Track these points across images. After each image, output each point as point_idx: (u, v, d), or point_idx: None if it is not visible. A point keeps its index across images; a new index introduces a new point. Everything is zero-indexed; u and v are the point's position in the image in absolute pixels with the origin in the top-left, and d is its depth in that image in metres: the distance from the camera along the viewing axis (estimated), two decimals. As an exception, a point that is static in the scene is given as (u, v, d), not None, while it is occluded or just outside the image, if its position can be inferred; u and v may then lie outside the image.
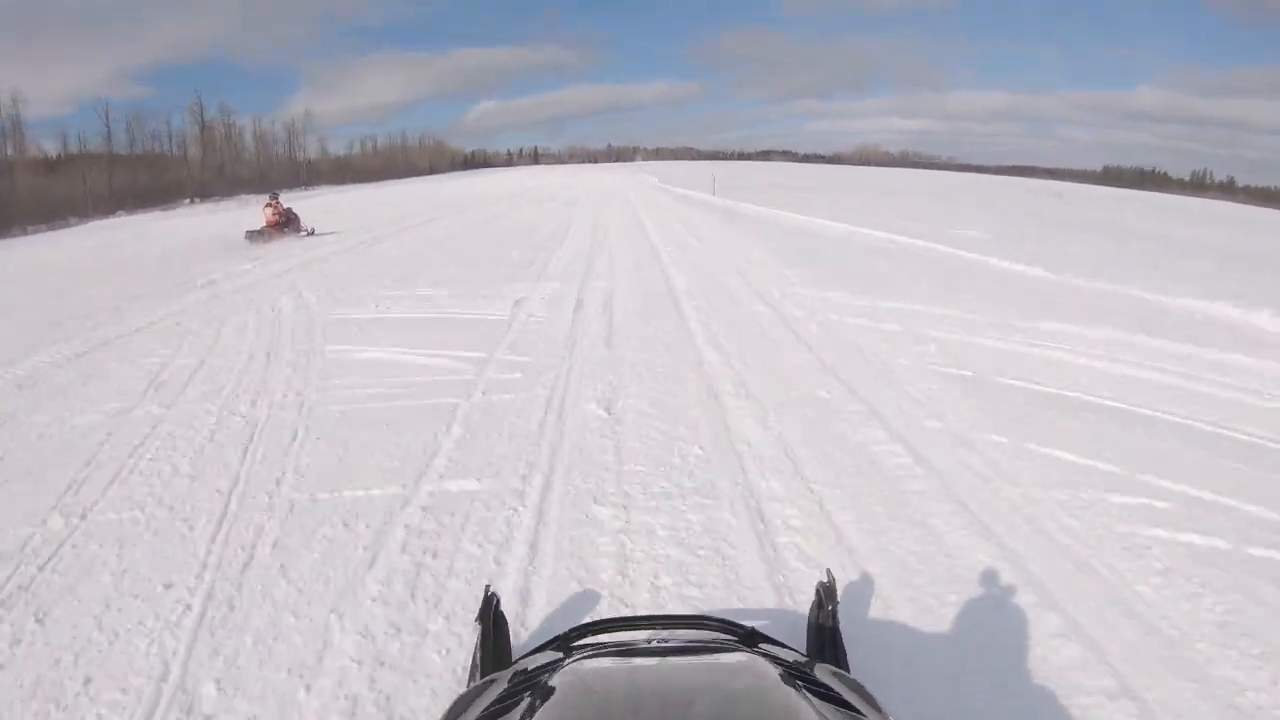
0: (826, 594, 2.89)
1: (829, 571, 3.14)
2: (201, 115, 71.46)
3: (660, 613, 3.48)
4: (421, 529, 4.69)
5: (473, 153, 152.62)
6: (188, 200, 59.88)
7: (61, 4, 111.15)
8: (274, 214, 19.47)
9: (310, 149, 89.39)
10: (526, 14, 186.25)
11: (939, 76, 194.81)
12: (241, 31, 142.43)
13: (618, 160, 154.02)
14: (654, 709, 1.47)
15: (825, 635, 2.82)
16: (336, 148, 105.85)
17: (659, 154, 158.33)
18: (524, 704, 1.48)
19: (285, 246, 18.85)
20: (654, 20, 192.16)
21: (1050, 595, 3.96)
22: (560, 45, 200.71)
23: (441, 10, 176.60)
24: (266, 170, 72.22)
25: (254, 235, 18.75)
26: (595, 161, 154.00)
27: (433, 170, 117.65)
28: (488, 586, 2.97)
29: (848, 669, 2.49)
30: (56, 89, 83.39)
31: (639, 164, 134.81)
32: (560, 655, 1.88)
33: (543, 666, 1.75)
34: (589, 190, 44.33)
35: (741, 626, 2.10)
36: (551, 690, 1.52)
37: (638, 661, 1.72)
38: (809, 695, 1.48)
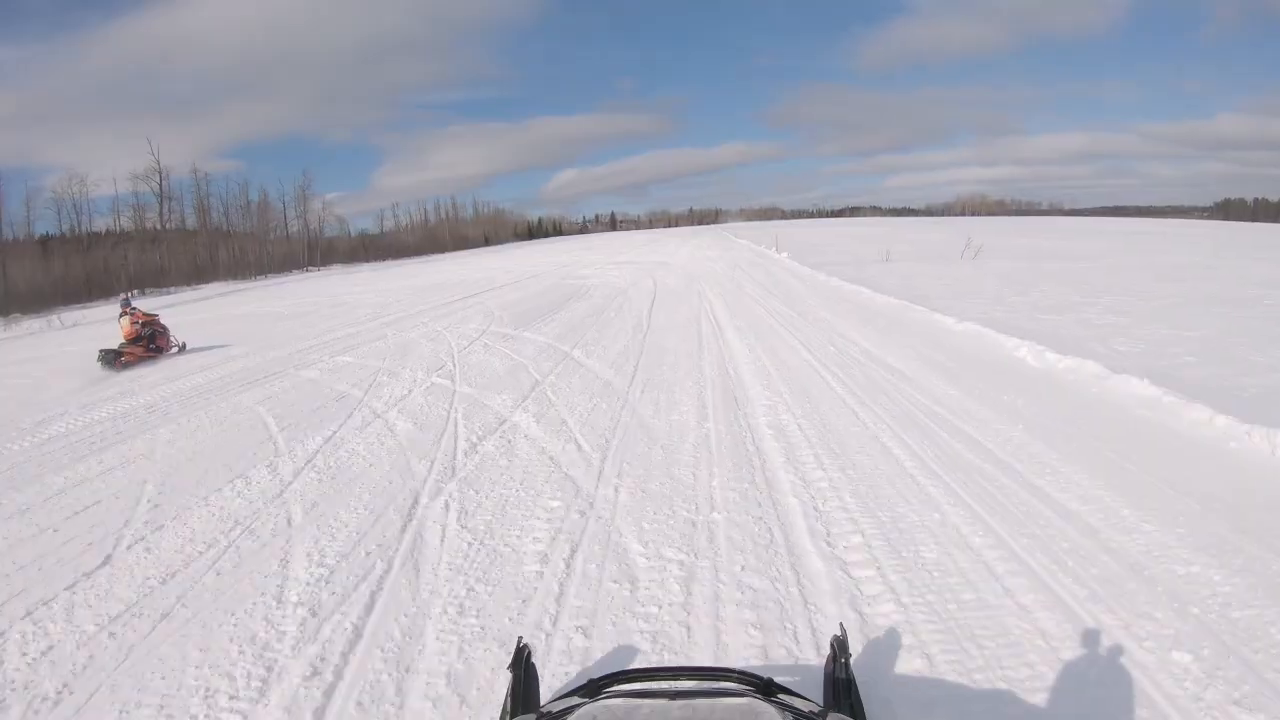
0: (840, 647, 2.71)
1: (841, 625, 2.91)
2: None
3: (686, 664, 3.39)
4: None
5: (539, 220, 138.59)
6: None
7: (160, 85, 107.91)
8: (131, 325, 13.63)
9: (325, 224, 73.74)
10: (602, 83, 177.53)
11: (1016, 121, 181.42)
12: (322, 108, 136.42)
13: (699, 223, 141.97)
14: None
15: (840, 686, 2.69)
16: (383, 223, 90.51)
17: (742, 215, 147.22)
18: None
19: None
20: (729, 83, 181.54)
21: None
22: (637, 112, 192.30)
23: (519, 81, 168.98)
24: (241, 254, 56.03)
25: (109, 357, 12.81)
26: (675, 225, 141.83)
27: (489, 241, 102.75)
28: (520, 638, 2.73)
29: (864, 719, 2.55)
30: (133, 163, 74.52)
31: (724, 226, 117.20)
32: (586, 701, 1.90)
33: (565, 710, 1.80)
34: (650, 271, 26.07)
35: (759, 678, 2.11)
36: None
37: (648, 703, 1.75)
38: None
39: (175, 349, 14.03)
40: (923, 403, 7.15)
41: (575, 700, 1.90)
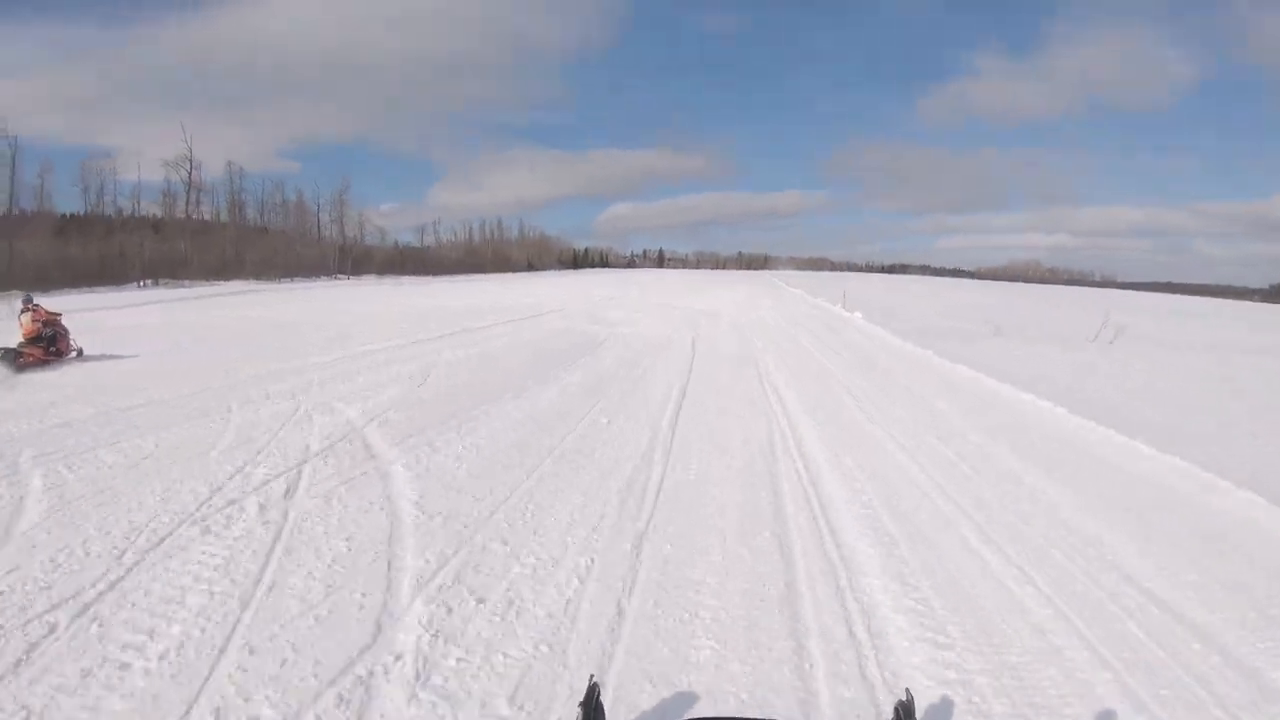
0: (905, 713, 2.22)
1: (908, 690, 2.36)
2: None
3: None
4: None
5: (586, 250, 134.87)
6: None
7: (228, 81, 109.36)
8: (33, 323, 12.62)
9: (366, 233, 70.73)
10: (661, 119, 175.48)
11: (1073, 190, 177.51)
12: (384, 118, 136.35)
13: (748, 268, 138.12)
14: None
15: None
16: (423, 237, 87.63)
17: (791, 263, 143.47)
18: None
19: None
20: (787, 130, 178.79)
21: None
22: (693, 151, 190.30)
23: (581, 111, 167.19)
24: (271, 254, 52.72)
25: (9, 356, 11.79)
26: (724, 267, 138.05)
27: (531, 266, 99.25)
28: (591, 676, 2.47)
29: None
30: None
31: (774, 274, 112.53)
32: None
33: None
34: (685, 330, 21.56)
35: None
36: None
37: None
38: None
39: (74, 353, 12.80)
40: None
41: None
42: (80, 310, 24.82)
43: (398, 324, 18.00)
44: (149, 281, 43.09)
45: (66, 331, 12.90)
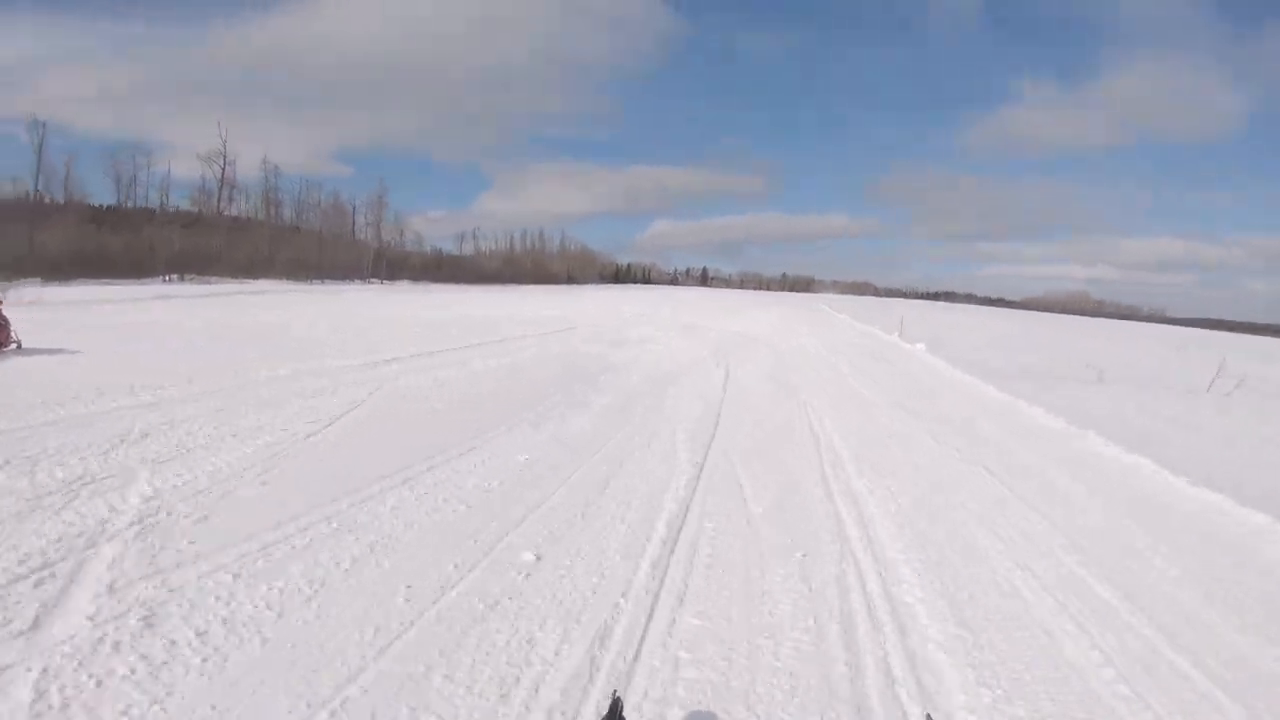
0: None
1: (929, 716, 2.71)
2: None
3: None
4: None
5: (628, 265, 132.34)
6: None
7: (283, 83, 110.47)
8: None
9: (405, 238, 69.05)
10: (707, 139, 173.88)
11: (1114, 221, 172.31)
12: (431, 126, 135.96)
13: (790, 290, 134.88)
14: None
15: None
16: (462, 245, 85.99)
17: (835, 287, 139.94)
18: None
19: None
20: (834, 153, 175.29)
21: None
22: (740, 171, 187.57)
23: (628, 128, 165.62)
24: (304, 254, 51.01)
25: None
26: (767, 288, 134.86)
27: (572, 279, 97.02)
28: (615, 692, 2.72)
29: None
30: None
31: (817, 297, 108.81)
32: None
33: None
34: (726, 348, 19.59)
35: None
36: None
37: None
38: None
39: (14, 346, 12.08)
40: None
41: None
42: (71, 302, 23.06)
43: (420, 338, 15.54)
44: (174, 277, 41.70)
45: (7, 321, 11.92)
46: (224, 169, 51.13)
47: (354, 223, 61.01)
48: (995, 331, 35.06)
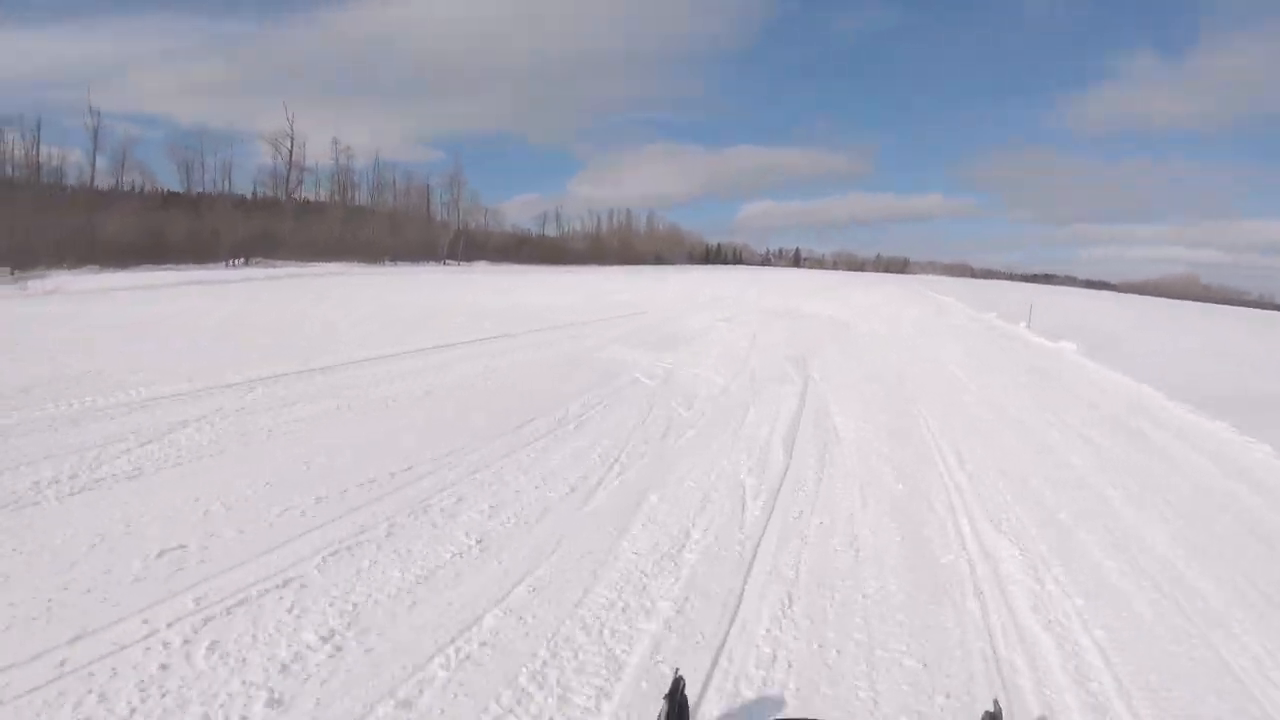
0: None
1: (996, 702, 2.24)
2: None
3: None
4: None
5: (718, 246, 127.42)
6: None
7: (373, 70, 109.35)
8: None
9: (486, 219, 67.14)
10: (802, 118, 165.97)
11: (1224, 203, 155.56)
12: (528, 112, 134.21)
13: (886, 270, 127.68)
14: None
15: None
16: (545, 225, 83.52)
17: (932, 268, 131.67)
18: None
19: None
20: (930, 132, 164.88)
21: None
22: (835, 151, 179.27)
23: (722, 108, 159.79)
24: (379, 237, 49.32)
25: None
26: (862, 269, 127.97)
27: (660, 260, 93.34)
28: (676, 669, 2.54)
29: None
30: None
31: (916, 279, 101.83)
32: None
33: None
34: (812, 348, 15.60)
35: None
36: None
37: None
38: None
39: None
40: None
41: None
42: (99, 290, 21.08)
43: (400, 333, 12.35)
44: (240, 261, 40.37)
45: None
46: (291, 151, 49.65)
47: (429, 203, 58.87)
48: (1127, 319, 29.52)
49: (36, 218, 32.89)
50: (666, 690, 2.11)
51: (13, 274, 25.72)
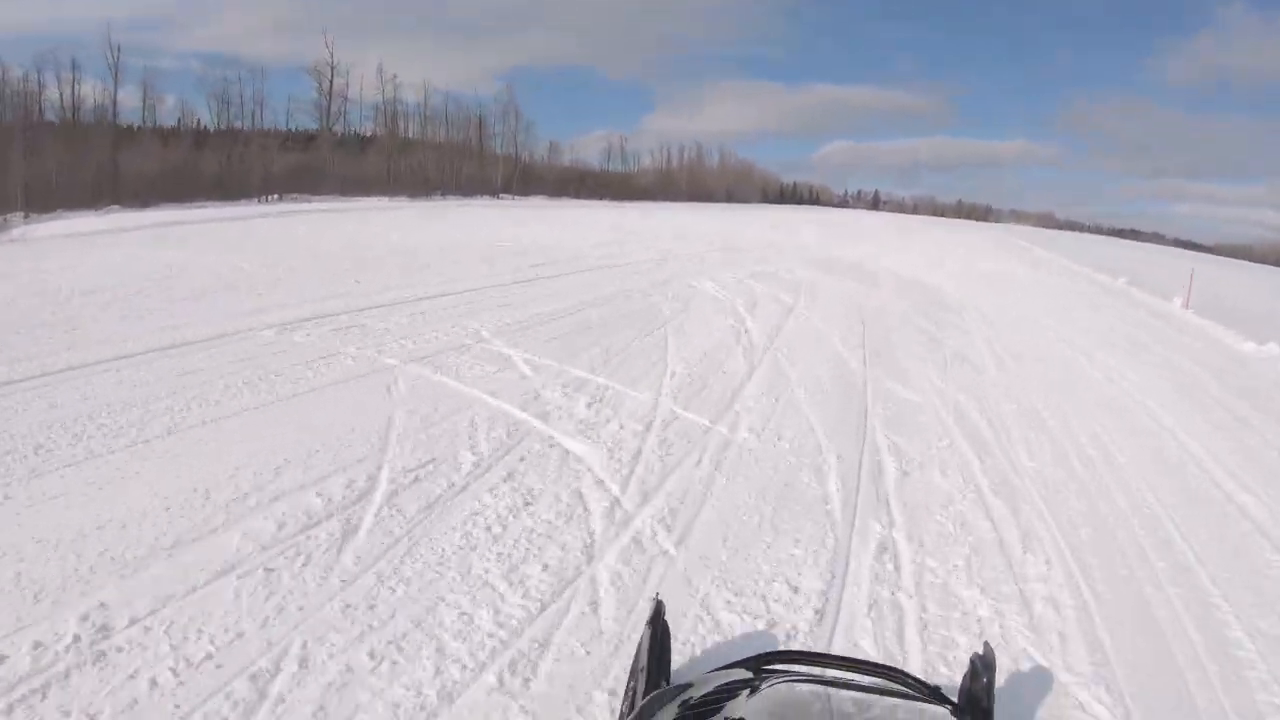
0: (983, 665, 2.26)
1: (986, 644, 2.38)
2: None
3: (853, 655, 2.92)
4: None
5: (793, 185, 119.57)
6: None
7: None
8: None
9: (550, 153, 63.06)
10: (886, 56, 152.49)
11: None
12: (598, 44, 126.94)
13: (967, 218, 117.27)
14: None
15: (978, 708, 2.24)
16: (609, 159, 78.55)
17: (1014, 217, 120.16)
18: (739, 701, 1.54)
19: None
20: (1020, 77, 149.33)
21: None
22: (918, 92, 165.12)
23: (801, 44, 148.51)
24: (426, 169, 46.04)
25: None
26: (941, 215, 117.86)
27: (731, 198, 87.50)
28: (656, 594, 2.69)
29: None
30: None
31: (1002, 229, 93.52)
32: (750, 675, 1.85)
33: (744, 680, 1.75)
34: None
35: (928, 684, 2.01)
36: (761, 699, 1.57)
37: (838, 692, 1.65)
38: None
39: None
40: None
41: (742, 672, 1.84)
42: (73, 235, 17.86)
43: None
44: (275, 196, 37.24)
45: None
46: (332, 81, 46.00)
47: (481, 135, 54.67)
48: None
49: (63, 158, 30.89)
50: (648, 617, 2.25)
51: (26, 218, 23.74)
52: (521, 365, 6.99)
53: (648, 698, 1.78)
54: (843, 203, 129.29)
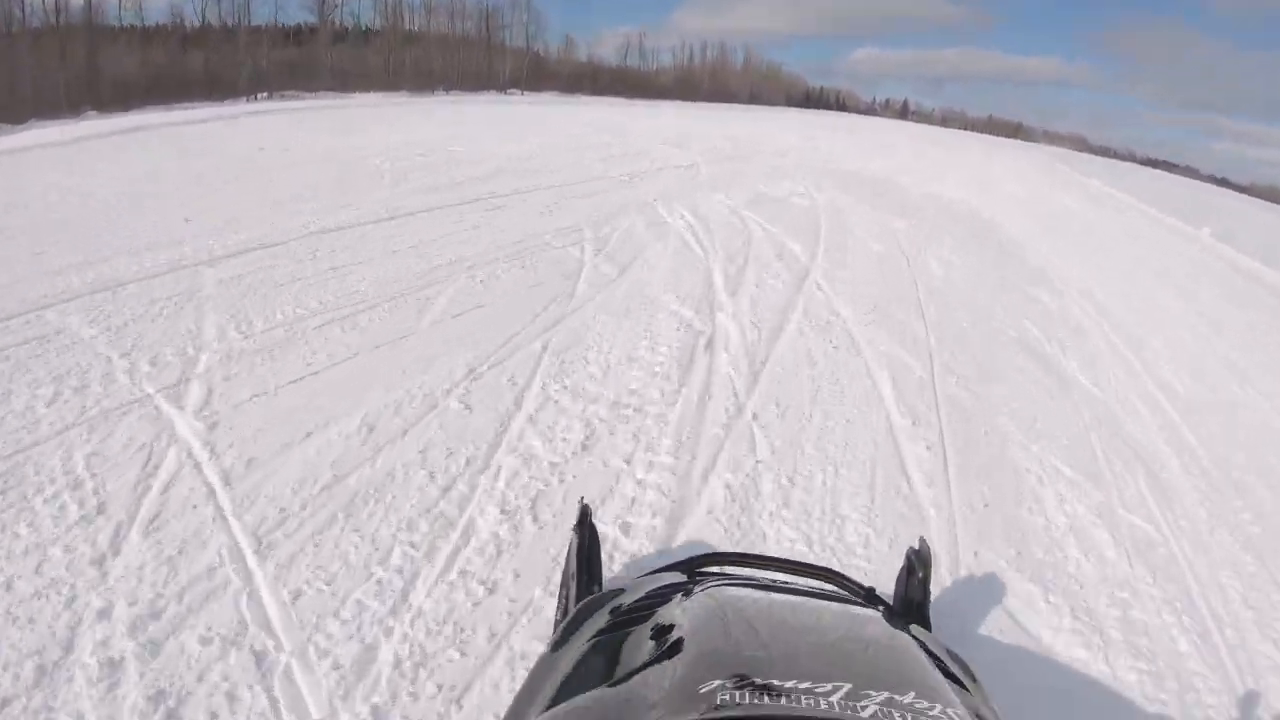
0: (919, 560, 2.26)
1: (921, 539, 2.35)
2: None
3: (786, 556, 3.14)
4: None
5: (820, 89, 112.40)
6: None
7: None
8: None
9: (571, 48, 58.91)
10: None
11: None
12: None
13: (995, 134, 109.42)
14: (797, 637, 1.38)
15: (913, 604, 2.27)
16: (627, 56, 73.36)
17: (1045, 138, 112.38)
18: (673, 606, 1.47)
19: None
20: None
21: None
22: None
23: None
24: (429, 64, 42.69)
25: None
26: (969, 129, 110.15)
27: (754, 99, 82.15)
28: (582, 499, 2.71)
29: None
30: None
31: (1038, 149, 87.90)
32: (684, 578, 1.80)
33: (676, 584, 1.70)
34: None
35: (863, 586, 1.98)
36: (694, 602, 1.50)
37: (775, 596, 1.59)
38: (940, 658, 1.42)
39: None
40: None
41: (676, 577, 1.80)
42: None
43: None
44: (264, 95, 34.31)
45: None
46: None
47: (488, 27, 50.24)
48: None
49: (46, 63, 28.31)
50: (575, 522, 2.21)
51: None
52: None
53: (580, 604, 1.73)
54: (869, 110, 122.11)
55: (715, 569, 1.94)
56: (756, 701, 1.08)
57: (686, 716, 1.07)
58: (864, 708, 1.06)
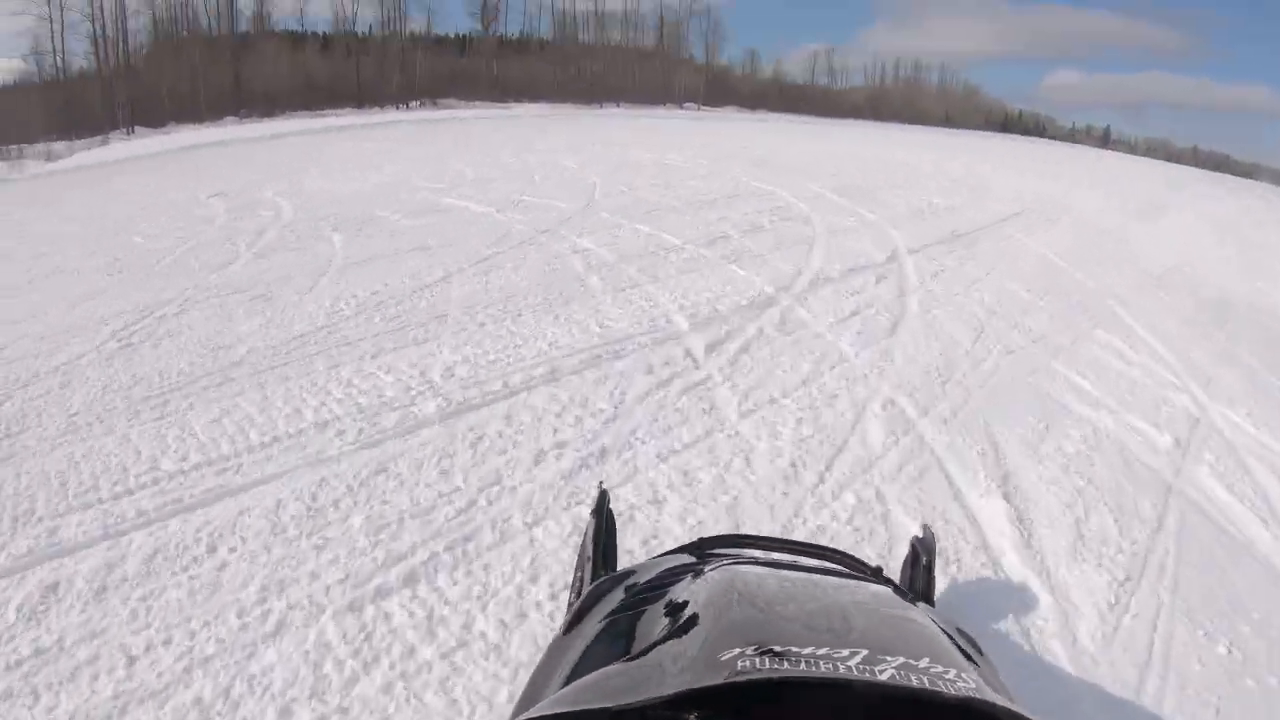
0: (923, 547, 2.24)
1: (925, 527, 2.35)
2: None
3: (793, 537, 3.11)
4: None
5: (1019, 114, 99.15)
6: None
7: None
8: None
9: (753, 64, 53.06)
10: None
11: None
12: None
13: (1200, 166, 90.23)
14: (811, 608, 1.33)
15: (918, 589, 2.23)
16: (814, 73, 65.86)
17: (1258, 172, 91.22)
18: (685, 584, 1.44)
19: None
20: (1270, 11, 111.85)
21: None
22: (1159, 21, 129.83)
23: None
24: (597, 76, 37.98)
25: None
26: (1176, 159, 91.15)
27: (949, 122, 72.29)
28: (601, 483, 2.51)
29: None
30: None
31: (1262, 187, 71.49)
32: (694, 559, 1.74)
33: (687, 565, 1.63)
34: None
35: (871, 566, 1.95)
36: (705, 581, 1.43)
37: (786, 573, 1.51)
38: (949, 632, 1.35)
39: None
40: None
41: (687, 559, 1.77)
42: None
43: None
44: (415, 103, 32.13)
45: None
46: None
47: (662, 38, 44.59)
48: None
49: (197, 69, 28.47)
50: (593, 506, 2.14)
51: (128, 133, 22.90)
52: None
53: (594, 583, 1.69)
54: (1069, 137, 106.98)
55: (724, 550, 1.90)
56: (776, 666, 1.04)
57: (709, 681, 1.02)
58: (881, 670, 1.02)
